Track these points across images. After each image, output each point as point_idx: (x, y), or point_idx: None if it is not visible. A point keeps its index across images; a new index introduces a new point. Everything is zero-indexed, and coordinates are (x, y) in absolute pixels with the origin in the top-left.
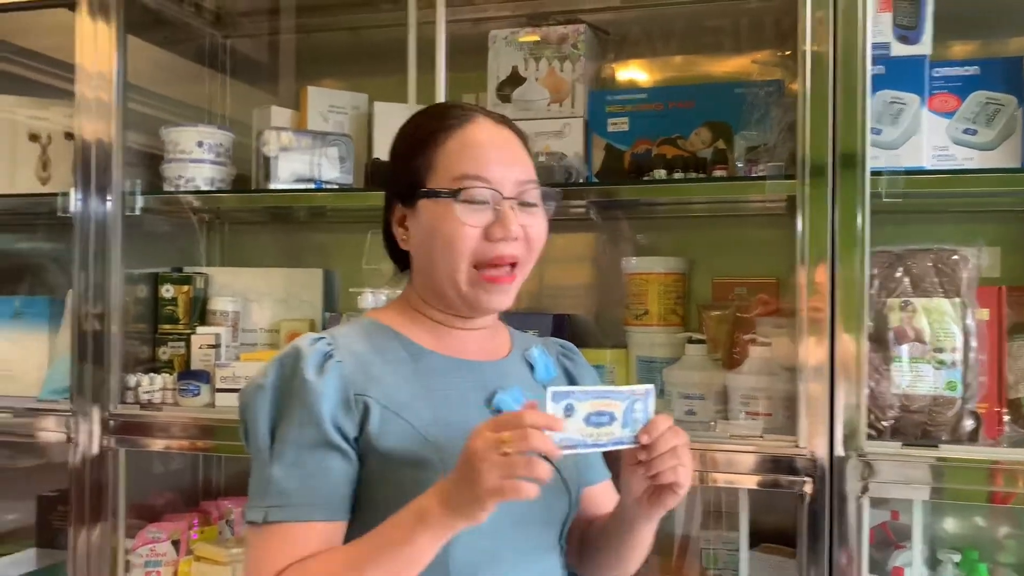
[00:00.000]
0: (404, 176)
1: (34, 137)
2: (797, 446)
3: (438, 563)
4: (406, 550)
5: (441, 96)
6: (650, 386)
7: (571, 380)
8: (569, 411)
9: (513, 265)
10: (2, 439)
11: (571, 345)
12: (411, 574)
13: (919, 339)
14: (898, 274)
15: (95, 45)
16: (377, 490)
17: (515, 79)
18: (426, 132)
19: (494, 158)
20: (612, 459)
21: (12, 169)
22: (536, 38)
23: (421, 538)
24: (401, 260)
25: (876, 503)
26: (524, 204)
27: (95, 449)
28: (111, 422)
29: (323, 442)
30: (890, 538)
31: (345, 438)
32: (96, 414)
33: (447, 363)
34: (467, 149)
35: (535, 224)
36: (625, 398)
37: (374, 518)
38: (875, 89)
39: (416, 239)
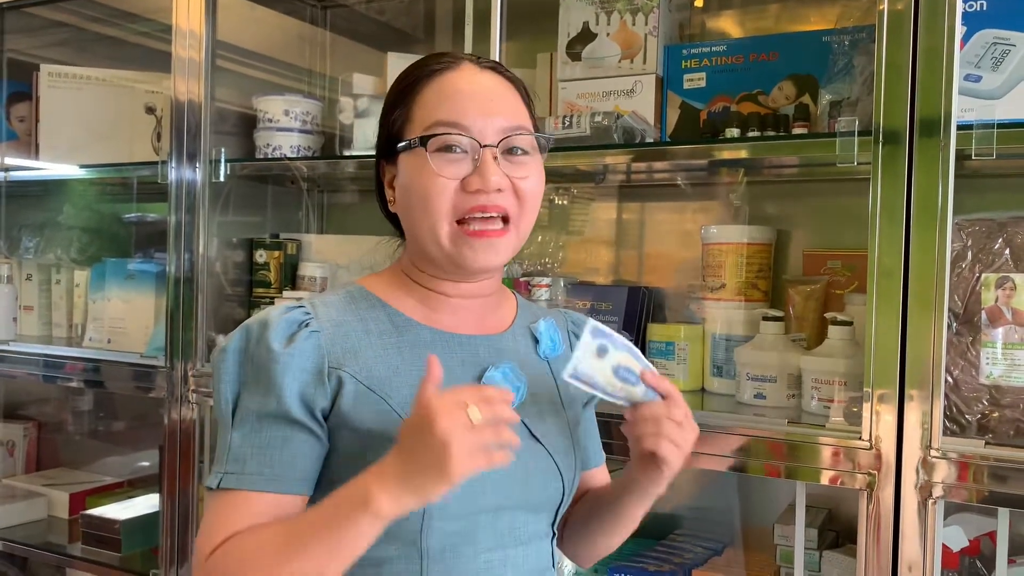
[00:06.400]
0: (384, 130)
1: (149, 110)
2: (860, 438)
3: (410, 545)
4: (347, 532)
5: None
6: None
7: None
8: (603, 352)
9: (505, 220)
10: (117, 391)
11: (582, 318)
12: (348, 556)
13: (1017, 322)
14: (997, 245)
15: (187, 5)
16: (351, 465)
17: (586, 35)
18: (407, 83)
19: (473, 105)
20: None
21: (131, 141)
22: None
23: (362, 520)
24: (398, 224)
25: (986, 512)
26: (510, 153)
27: (179, 403)
28: (195, 378)
29: (284, 415)
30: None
31: (312, 413)
32: (182, 371)
33: (435, 336)
34: (444, 97)
35: (526, 174)
36: (646, 364)
37: None
38: (974, 29)
39: (399, 198)
